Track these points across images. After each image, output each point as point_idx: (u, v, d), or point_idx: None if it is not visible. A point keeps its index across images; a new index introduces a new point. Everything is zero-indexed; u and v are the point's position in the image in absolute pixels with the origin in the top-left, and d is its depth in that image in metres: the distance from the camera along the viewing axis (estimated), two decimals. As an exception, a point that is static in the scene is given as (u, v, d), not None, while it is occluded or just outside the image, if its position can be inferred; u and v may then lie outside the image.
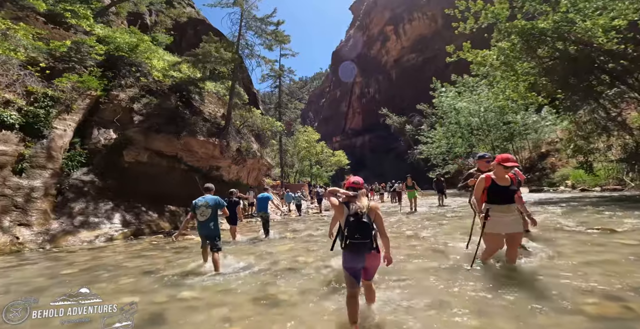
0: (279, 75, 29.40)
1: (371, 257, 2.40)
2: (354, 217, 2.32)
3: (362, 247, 2.31)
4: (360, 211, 2.34)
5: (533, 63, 12.25)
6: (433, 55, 63.49)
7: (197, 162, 12.98)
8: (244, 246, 6.62)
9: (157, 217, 9.77)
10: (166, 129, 11.50)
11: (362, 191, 2.58)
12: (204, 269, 4.63)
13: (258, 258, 5.33)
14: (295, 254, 5.51)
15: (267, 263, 4.97)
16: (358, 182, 2.62)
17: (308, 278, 4.02)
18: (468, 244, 4.53)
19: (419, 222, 7.86)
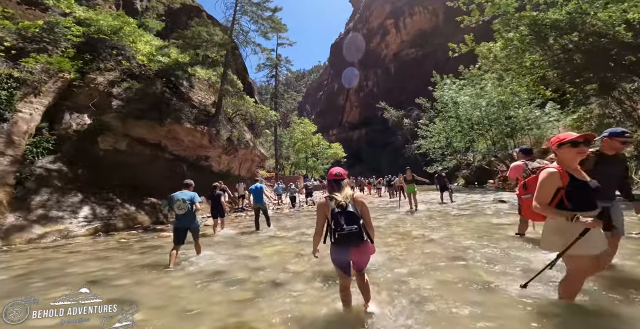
0: (275, 64, 28.06)
1: (360, 249, 2.26)
2: (339, 209, 2.19)
3: (352, 237, 2.16)
4: (345, 201, 2.23)
5: (543, 55, 11.37)
6: (433, 50, 62.34)
7: (184, 151, 11.88)
8: (225, 247, 5.63)
9: (134, 210, 8.73)
10: (149, 115, 10.36)
11: (346, 181, 2.44)
12: (164, 277, 3.64)
13: (237, 265, 4.35)
14: (283, 259, 4.55)
15: (247, 271, 4.01)
16: (340, 174, 2.43)
17: (297, 296, 3.06)
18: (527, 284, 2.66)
19: (423, 221, 6.93)
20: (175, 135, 11.24)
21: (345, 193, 2.31)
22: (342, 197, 2.26)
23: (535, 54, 11.65)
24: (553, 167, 2.10)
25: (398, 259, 4.09)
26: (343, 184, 2.40)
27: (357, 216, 2.19)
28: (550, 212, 2.05)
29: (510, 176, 4.81)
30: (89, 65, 10.14)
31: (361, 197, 2.38)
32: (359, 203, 2.31)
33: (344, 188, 2.36)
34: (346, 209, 2.18)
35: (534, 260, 3.63)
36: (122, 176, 9.34)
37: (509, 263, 3.61)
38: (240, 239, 6.29)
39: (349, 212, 2.17)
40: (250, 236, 6.67)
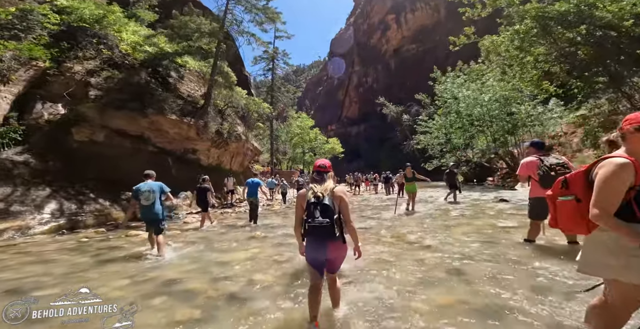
0: (272, 57, 27.11)
1: (335, 247, 2.10)
2: (315, 200, 2.05)
3: (323, 231, 2.00)
4: (322, 193, 2.08)
5: (549, 49, 10.73)
6: (434, 46, 61.37)
7: (169, 144, 11.14)
8: (194, 248, 4.94)
9: (109, 205, 8.03)
10: (129, 106, 9.62)
11: (330, 173, 2.29)
12: (101, 287, 2.93)
13: (198, 272, 3.66)
14: (254, 266, 3.85)
15: (206, 281, 3.33)
16: (324, 166, 2.28)
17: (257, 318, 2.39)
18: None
19: (419, 223, 6.23)
20: (159, 127, 10.50)
21: (325, 186, 2.16)
22: (320, 189, 2.12)
23: (541, 48, 11.02)
24: (623, 157, 1.36)
25: (386, 271, 3.39)
26: (326, 176, 2.24)
27: (331, 210, 2.03)
28: (616, 226, 1.32)
29: (520, 173, 4.09)
30: (66, 53, 9.48)
31: (342, 192, 2.19)
32: (338, 198, 2.13)
33: (326, 180, 2.21)
34: (321, 201, 2.04)
35: (554, 276, 2.94)
36: (99, 169, 8.61)
37: (523, 279, 2.92)
38: (215, 239, 5.59)
39: (323, 205, 2.03)
40: (229, 235, 5.98)
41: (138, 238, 5.73)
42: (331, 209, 2.03)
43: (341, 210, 2.12)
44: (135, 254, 4.63)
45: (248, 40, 16.36)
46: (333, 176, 2.35)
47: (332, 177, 2.29)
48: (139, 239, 5.68)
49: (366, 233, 5.44)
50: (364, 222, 6.71)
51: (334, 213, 2.04)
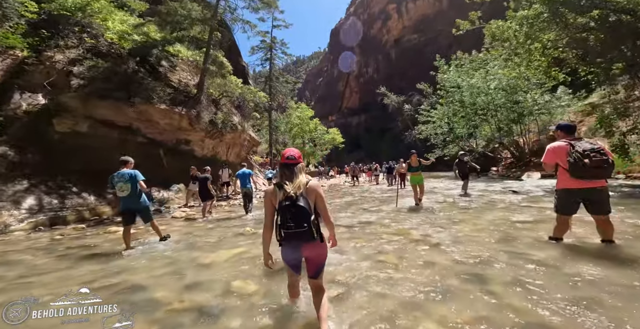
0: (270, 47, 26.06)
1: (312, 246, 1.88)
2: (288, 201, 1.77)
3: (299, 238, 1.79)
4: (295, 192, 1.80)
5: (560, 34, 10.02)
6: (435, 36, 60.03)
7: (160, 134, 10.51)
8: (173, 246, 4.38)
9: (94, 200, 7.49)
10: (115, 95, 8.98)
11: (300, 166, 1.95)
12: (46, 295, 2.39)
13: (167, 277, 3.10)
14: (236, 270, 3.29)
15: (175, 289, 2.78)
16: (293, 157, 1.93)
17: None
18: None
19: (424, 216, 5.63)
20: (148, 117, 9.85)
21: (297, 182, 1.87)
22: (292, 187, 1.84)
23: (551, 34, 10.32)
24: None
25: (387, 277, 2.81)
26: (296, 169, 1.93)
27: (307, 212, 1.78)
28: None
29: (546, 161, 3.44)
30: (47, 42, 8.91)
31: (316, 185, 1.94)
32: (313, 193, 1.90)
33: (298, 175, 1.91)
34: (296, 203, 1.78)
35: (596, 282, 2.34)
36: (83, 161, 8.03)
37: (560, 288, 2.33)
38: (200, 236, 5.03)
39: (298, 207, 1.77)
40: (216, 231, 5.43)
41: (117, 235, 5.18)
42: (307, 211, 1.77)
43: (318, 207, 1.91)
44: (107, 254, 4.09)
45: (243, 28, 15.46)
46: (304, 167, 2.03)
47: (303, 169, 1.98)
48: (117, 236, 5.13)
49: (365, 229, 4.86)
50: (362, 215, 6.13)
51: (311, 214, 1.79)
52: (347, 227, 5.04)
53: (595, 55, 10.06)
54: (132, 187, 4.15)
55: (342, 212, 6.76)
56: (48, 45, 8.91)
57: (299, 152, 2.04)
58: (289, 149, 2.02)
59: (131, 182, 4.16)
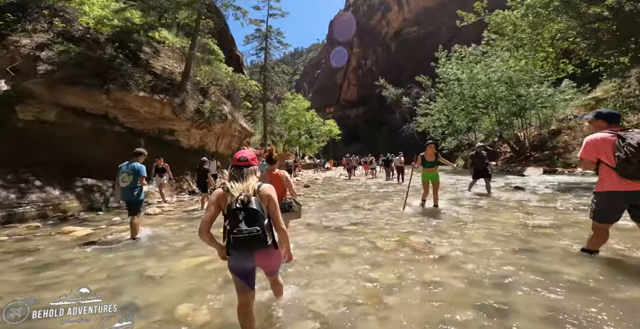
0: (265, 36, 24.83)
1: (265, 255, 1.73)
2: (239, 204, 1.58)
3: (251, 242, 1.57)
4: (246, 195, 1.63)
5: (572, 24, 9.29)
6: (436, 28, 58.70)
7: (141, 123, 9.66)
8: (125, 253, 3.65)
9: (58, 194, 6.70)
10: (86, 81, 8.09)
11: (252, 168, 1.80)
12: None
13: (104, 293, 2.37)
14: (189, 288, 2.57)
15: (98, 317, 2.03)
16: (245, 159, 1.79)
17: None
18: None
19: (425, 218, 4.93)
20: (126, 105, 8.98)
21: (247, 184, 1.70)
22: (242, 189, 1.67)
23: (560, 24, 9.59)
24: None
25: (381, 309, 2.09)
26: (247, 172, 1.76)
27: (260, 216, 1.59)
28: None
29: (584, 156, 2.71)
30: (12, 26, 8.03)
31: (269, 189, 1.76)
32: (266, 197, 1.72)
33: (248, 178, 1.75)
34: (247, 206, 1.58)
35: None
36: (50, 152, 7.19)
37: (625, 323, 1.64)
38: (165, 238, 4.31)
39: (250, 210, 1.57)
40: (186, 231, 4.71)
41: (70, 236, 4.44)
42: (260, 214, 1.60)
43: (270, 212, 1.75)
44: (44, 261, 3.36)
45: (235, 15, 14.45)
46: (255, 170, 1.84)
47: (254, 172, 1.82)
48: (70, 237, 4.39)
49: (358, 232, 4.14)
50: (356, 214, 5.42)
51: (264, 218, 1.63)
52: (336, 230, 4.33)
53: (608, 46, 9.37)
54: (132, 179, 4.21)
55: (334, 210, 6.04)
56: (14, 29, 8.03)
57: (253, 154, 1.88)
58: (242, 151, 1.89)
59: (133, 175, 4.22)
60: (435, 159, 5.72)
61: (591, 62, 10.03)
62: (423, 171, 5.82)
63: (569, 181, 9.37)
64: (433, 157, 5.69)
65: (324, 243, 3.70)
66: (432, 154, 5.68)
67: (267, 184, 1.80)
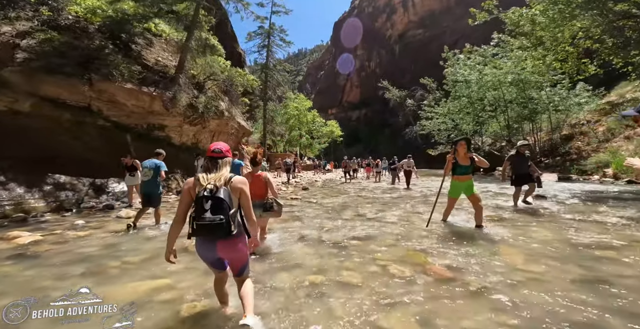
0: (268, 33, 24.15)
1: (229, 246, 1.69)
2: (206, 192, 1.58)
3: (213, 230, 1.55)
4: (215, 183, 1.63)
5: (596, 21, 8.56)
6: (441, 32, 58.17)
7: (127, 118, 8.92)
8: (69, 269, 2.85)
9: (23, 192, 5.92)
10: (66, 71, 7.37)
11: (226, 159, 1.79)
12: None
13: None
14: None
15: None
16: (219, 150, 1.77)
17: None
18: None
19: (445, 232, 4.12)
20: (111, 97, 8.26)
21: (219, 175, 1.70)
22: (211, 178, 1.67)
23: (584, 21, 8.86)
24: None
25: None
26: (221, 162, 1.75)
27: (226, 205, 1.58)
28: None
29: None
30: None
31: (241, 182, 1.75)
32: (237, 190, 1.71)
33: (221, 168, 1.74)
34: (214, 194, 1.58)
35: None
36: (20, 146, 6.44)
37: None
38: (124, 251, 3.49)
39: (216, 199, 1.58)
40: (153, 242, 3.87)
41: (9, 244, 3.65)
42: (227, 203, 1.58)
43: (242, 204, 1.74)
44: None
45: (236, 8, 13.78)
46: (230, 162, 1.80)
47: (228, 163, 1.78)
48: (9, 245, 3.60)
49: (361, 251, 3.33)
50: (358, 225, 4.61)
51: (230, 208, 1.61)
52: (336, 246, 3.53)
53: (637, 45, 8.62)
54: (154, 174, 4.64)
55: (333, 218, 5.23)
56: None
57: (227, 146, 1.85)
58: (216, 142, 1.85)
59: (155, 170, 4.65)
60: (472, 163, 4.12)
61: (616, 62, 9.28)
62: (453, 179, 4.26)
63: (592, 189, 8.53)
64: (468, 160, 4.12)
65: (320, 265, 2.90)
66: (465, 157, 4.13)
67: (241, 177, 1.75)
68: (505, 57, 16.34)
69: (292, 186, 12.20)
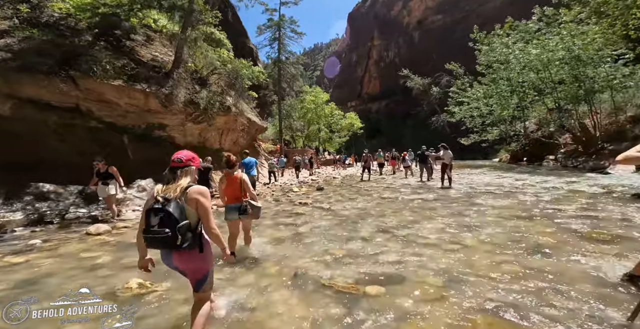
0: (278, 25, 22.76)
1: (182, 257, 1.63)
2: (157, 204, 1.53)
3: (159, 243, 1.52)
4: (162, 196, 1.55)
5: None
6: (463, 16, 53.77)
7: (123, 118, 8.03)
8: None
9: (1, 203, 5.14)
10: (48, 70, 6.55)
11: (188, 169, 1.68)
12: None
13: None
14: None
15: None
16: (180, 160, 1.67)
17: None
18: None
19: (514, 257, 2.58)
20: (100, 96, 7.37)
21: (175, 186, 1.60)
22: (167, 190, 1.59)
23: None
24: None
25: None
26: (180, 173, 1.65)
27: (174, 218, 1.49)
28: None
29: None
30: None
31: (197, 192, 1.62)
32: (193, 201, 1.60)
33: (180, 179, 1.64)
34: (164, 207, 1.50)
35: None
36: (0, 152, 5.69)
37: None
38: (52, 284, 2.35)
39: (165, 212, 1.49)
40: (131, 252, 2.74)
41: None
42: (174, 217, 1.49)
43: (200, 215, 1.63)
44: None
45: (244, 1, 12.53)
46: (193, 171, 1.71)
47: (190, 173, 1.68)
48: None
49: (381, 314, 1.89)
50: (381, 250, 3.15)
51: (179, 221, 1.50)
52: (340, 299, 2.12)
53: None
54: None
55: (346, 238, 3.76)
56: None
57: (191, 155, 1.74)
58: (179, 151, 1.74)
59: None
60: None
61: None
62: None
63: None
64: None
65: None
66: None
67: (196, 187, 1.65)
68: (550, 33, 13.73)
69: (306, 185, 10.89)
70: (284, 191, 9.34)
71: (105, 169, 5.41)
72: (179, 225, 1.49)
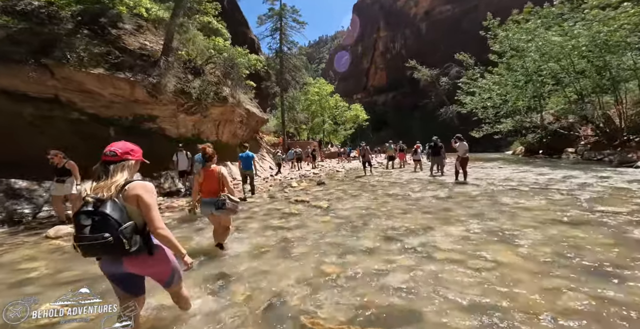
0: (279, 15, 21.73)
1: (135, 262, 1.42)
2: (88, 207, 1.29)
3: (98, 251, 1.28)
4: (96, 197, 1.30)
5: None
6: (472, 6, 51.62)
7: (107, 109, 7.42)
8: None
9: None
10: (17, 58, 5.94)
11: (123, 164, 1.42)
12: None
13: None
14: None
15: None
16: (114, 153, 1.40)
17: None
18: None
19: (566, 271, 1.83)
20: (80, 86, 6.75)
21: (109, 183, 1.35)
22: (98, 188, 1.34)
23: None
24: None
25: None
26: (113, 168, 1.39)
27: (113, 221, 1.26)
28: None
29: None
30: None
31: (137, 188, 1.37)
32: (133, 198, 1.35)
33: (114, 175, 1.38)
34: (98, 209, 1.27)
35: None
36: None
37: None
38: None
39: (99, 214, 1.26)
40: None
41: None
42: (112, 220, 1.25)
43: (142, 214, 1.38)
44: None
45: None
46: (131, 166, 1.44)
47: (127, 168, 1.42)
48: None
49: None
50: (387, 267, 2.44)
51: (121, 223, 1.27)
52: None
53: None
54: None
55: (343, 249, 3.04)
56: None
57: (129, 147, 1.46)
58: (113, 143, 1.46)
59: None
60: None
61: None
62: None
63: None
64: None
65: None
66: None
67: (136, 182, 1.39)
68: (572, 19, 12.53)
69: (307, 180, 10.18)
70: (282, 186, 8.65)
71: (62, 165, 4.66)
72: (122, 227, 1.27)
